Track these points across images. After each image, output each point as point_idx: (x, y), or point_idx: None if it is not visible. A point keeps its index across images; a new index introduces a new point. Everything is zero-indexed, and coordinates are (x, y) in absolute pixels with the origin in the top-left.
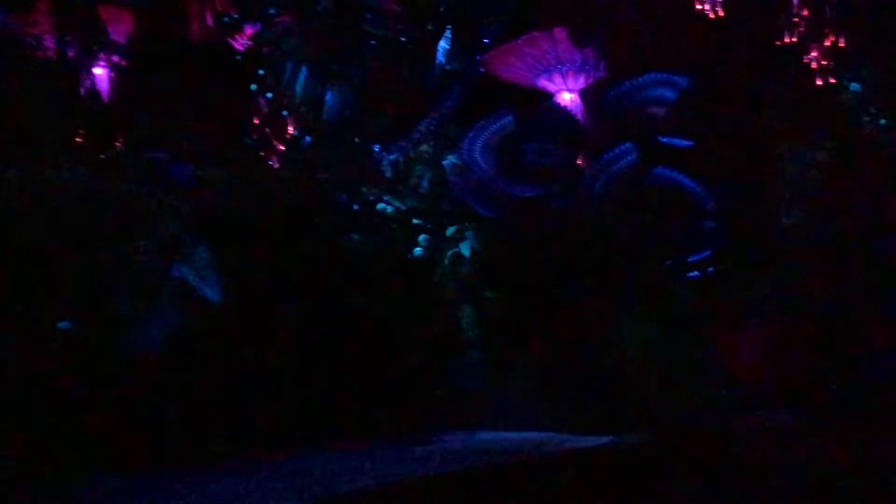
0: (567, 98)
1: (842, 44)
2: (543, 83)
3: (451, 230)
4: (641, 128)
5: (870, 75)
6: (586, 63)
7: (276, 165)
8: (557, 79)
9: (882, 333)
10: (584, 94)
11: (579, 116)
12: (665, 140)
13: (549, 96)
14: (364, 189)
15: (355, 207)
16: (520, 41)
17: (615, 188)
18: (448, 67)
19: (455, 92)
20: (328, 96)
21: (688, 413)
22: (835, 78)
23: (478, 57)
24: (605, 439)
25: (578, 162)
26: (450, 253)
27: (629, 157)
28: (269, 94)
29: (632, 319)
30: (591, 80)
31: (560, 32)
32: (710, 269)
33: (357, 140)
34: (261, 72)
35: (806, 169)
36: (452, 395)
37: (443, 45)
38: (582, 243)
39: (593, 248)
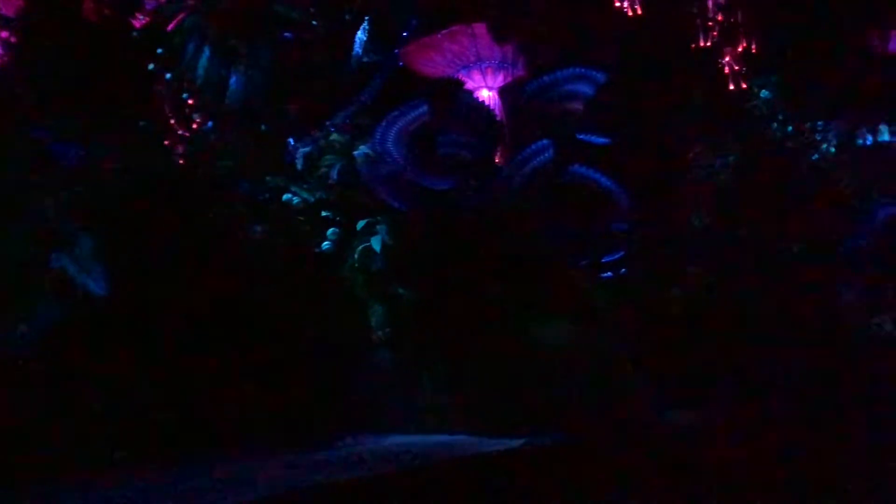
0: (486, 96)
1: (754, 49)
2: (462, 79)
3: (361, 224)
4: (559, 123)
5: (779, 82)
6: (506, 61)
7: (177, 150)
8: (477, 76)
9: (784, 335)
10: (502, 92)
11: (498, 115)
12: (583, 137)
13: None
14: (269, 179)
15: (259, 198)
16: (439, 35)
17: (531, 185)
18: (365, 59)
19: (372, 85)
20: (233, 80)
21: (603, 413)
22: (746, 83)
23: (396, 50)
24: (518, 442)
25: (495, 157)
26: (360, 248)
27: (546, 154)
28: (168, 75)
29: (546, 318)
30: (509, 79)
31: (480, 28)
32: (623, 270)
33: (264, 128)
34: (159, 50)
35: (715, 173)
36: (361, 396)
37: (360, 35)
38: (497, 240)
39: (508, 246)
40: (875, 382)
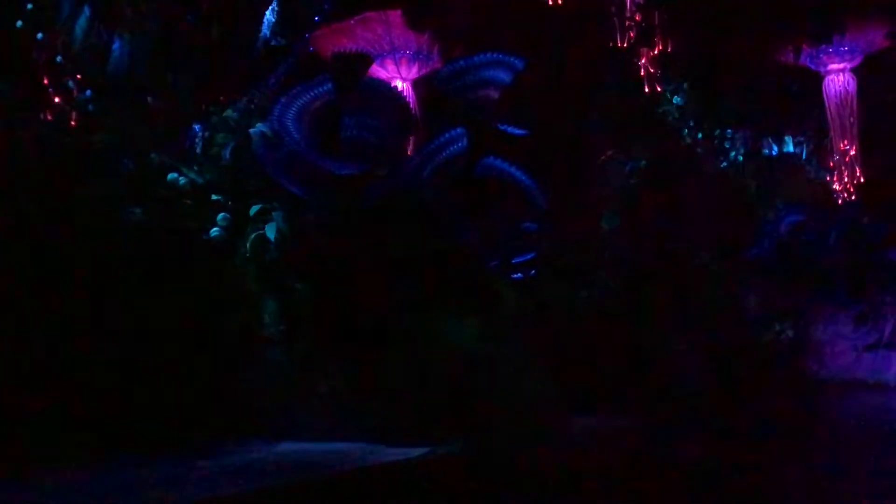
0: (400, 87)
1: (670, 51)
2: (375, 69)
3: (255, 209)
4: (474, 111)
5: (691, 88)
6: (421, 51)
7: (47, 119)
8: (390, 65)
9: (684, 342)
10: (417, 84)
11: (412, 106)
12: (500, 127)
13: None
14: (154, 156)
15: (142, 177)
16: (352, 21)
17: (443, 176)
18: (273, 42)
19: (278, 69)
20: (116, 45)
21: (512, 419)
22: (661, 86)
23: (307, 34)
24: (420, 451)
25: (405, 144)
26: (253, 235)
27: (459, 144)
28: (40, 35)
29: (455, 319)
30: (425, 70)
31: (395, 16)
32: (533, 271)
33: (150, 100)
34: (29, 6)
35: (627, 177)
36: (249, 399)
37: (268, 16)
38: (403, 233)
39: (415, 239)
40: (776, 389)
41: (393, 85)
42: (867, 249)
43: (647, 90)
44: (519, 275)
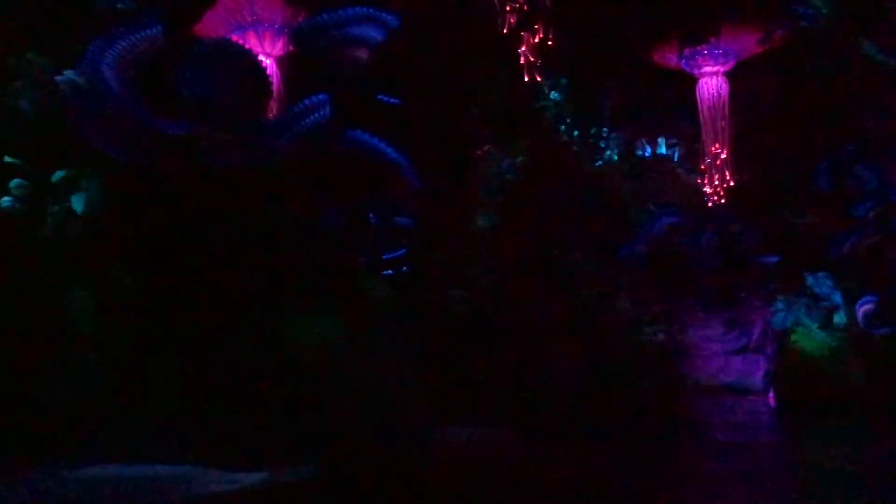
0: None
1: (551, 41)
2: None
3: (59, 175)
4: (340, 75)
5: (569, 85)
6: (286, 26)
7: None
8: (252, 39)
9: (566, 346)
10: (281, 61)
11: (275, 85)
12: (370, 92)
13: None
14: None
15: None
16: None
17: (302, 148)
18: (119, 5)
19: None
20: None
21: (374, 433)
22: (541, 77)
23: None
24: (257, 476)
25: (260, 110)
26: (56, 208)
27: (322, 112)
28: None
29: (312, 318)
30: (290, 48)
31: None
32: (405, 268)
33: None
34: None
35: (504, 173)
36: (49, 413)
37: None
38: (251, 211)
39: (267, 220)
40: (647, 394)
41: None
42: (738, 253)
43: (526, 79)
44: (390, 272)
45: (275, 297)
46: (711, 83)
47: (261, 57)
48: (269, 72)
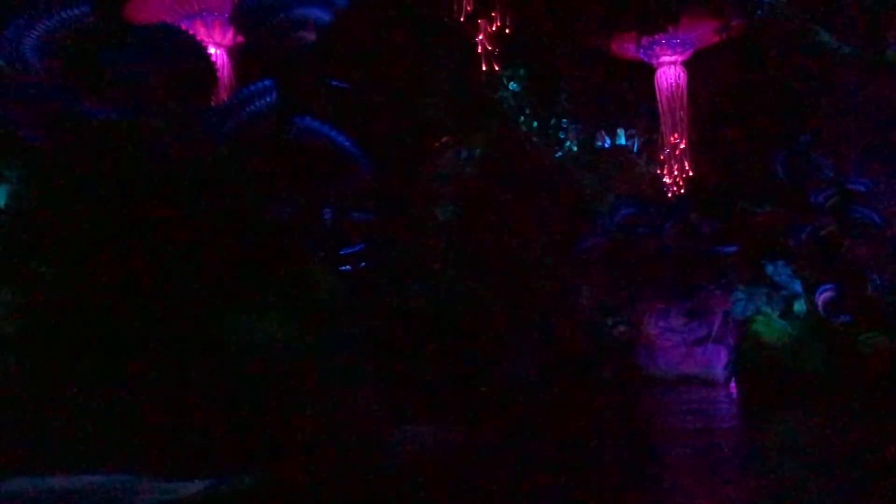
0: (212, 53)
1: (508, 29)
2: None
3: None
4: (287, 57)
5: (527, 76)
6: None
7: None
8: (201, 28)
9: (526, 340)
10: (233, 51)
11: (225, 75)
12: (320, 78)
13: None
14: None
15: None
16: None
17: (248, 135)
18: None
19: None
20: None
21: (323, 437)
22: (498, 66)
23: None
24: (197, 485)
25: (203, 96)
26: None
27: (268, 98)
28: None
29: (256, 315)
30: (241, 39)
31: None
32: (363, 263)
33: None
34: None
35: (462, 164)
36: None
37: None
38: (193, 200)
39: (210, 209)
40: (607, 386)
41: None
42: (697, 243)
43: (484, 68)
44: (348, 267)
45: (217, 294)
46: (669, 73)
47: (211, 48)
48: (219, 62)
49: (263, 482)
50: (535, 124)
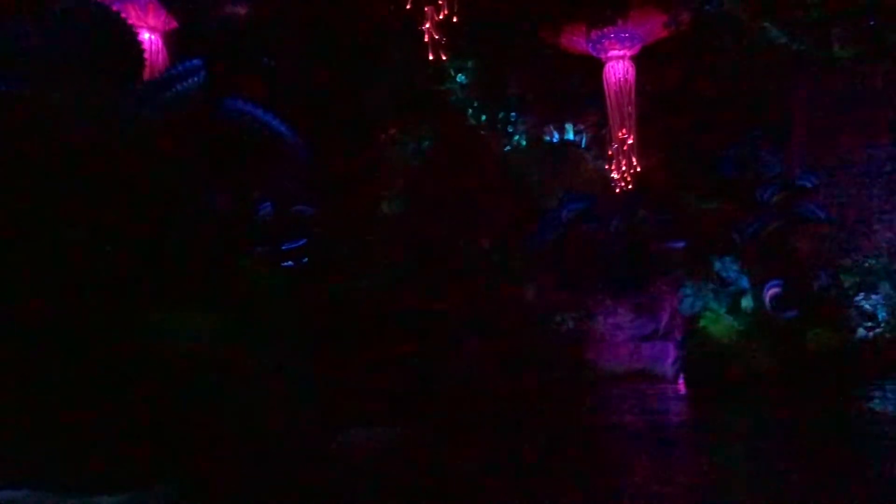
0: (146, 39)
1: (455, 18)
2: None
3: None
4: (216, 37)
5: (476, 68)
6: None
7: None
8: (132, 11)
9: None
10: (168, 37)
11: (160, 62)
12: (254, 60)
13: None
14: None
15: None
16: None
17: (174, 117)
18: None
19: None
20: None
21: (255, 443)
22: (446, 55)
23: None
24: (111, 499)
25: (125, 74)
26: None
27: (196, 77)
28: None
29: (180, 313)
30: (172, 25)
31: None
32: (305, 259)
33: None
34: None
35: (410, 157)
36: None
37: None
38: (109, 186)
39: (128, 196)
40: (556, 383)
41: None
42: (645, 239)
43: (431, 57)
44: (290, 263)
45: (136, 290)
46: (618, 67)
47: (145, 32)
48: (154, 48)
49: (185, 492)
50: (484, 117)
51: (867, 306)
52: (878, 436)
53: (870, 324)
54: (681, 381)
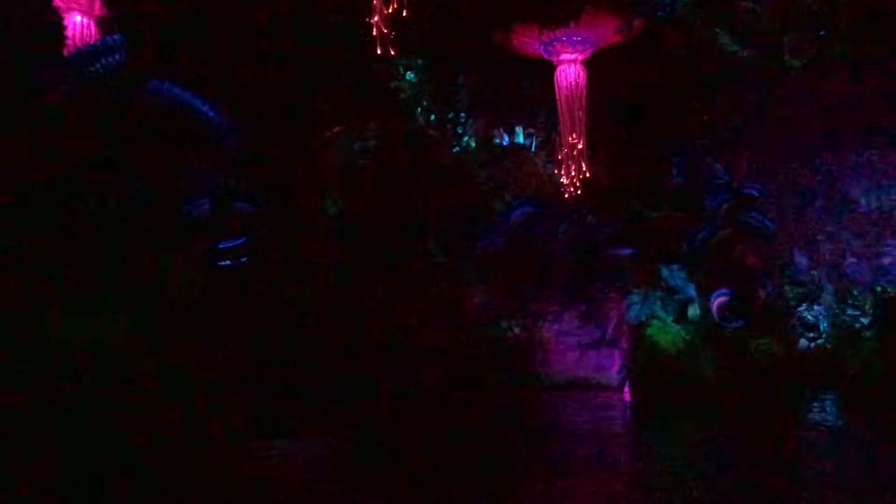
0: (77, 21)
1: (405, 13)
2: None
3: None
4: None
5: (425, 67)
6: None
7: None
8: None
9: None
10: (101, 22)
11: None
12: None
13: None
14: None
15: None
16: None
17: (90, 99)
18: None
19: None
20: None
21: (165, 452)
22: (395, 50)
23: None
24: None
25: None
26: None
27: (115, 56)
28: None
29: (87, 313)
30: (105, 11)
31: None
32: (244, 258)
33: None
34: None
35: (354, 156)
36: None
37: None
38: (24, 174)
39: (47, 185)
40: (500, 390)
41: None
42: (593, 245)
43: (379, 51)
44: (228, 262)
45: (40, 288)
46: (569, 71)
47: (77, 16)
48: (87, 32)
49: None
50: (433, 118)
51: (809, 317)
52: (812, 444)
53: (811, 335)
54: (626, 389)
